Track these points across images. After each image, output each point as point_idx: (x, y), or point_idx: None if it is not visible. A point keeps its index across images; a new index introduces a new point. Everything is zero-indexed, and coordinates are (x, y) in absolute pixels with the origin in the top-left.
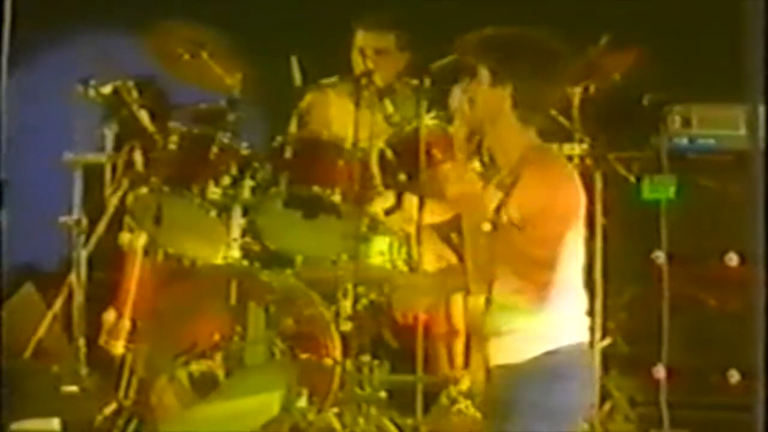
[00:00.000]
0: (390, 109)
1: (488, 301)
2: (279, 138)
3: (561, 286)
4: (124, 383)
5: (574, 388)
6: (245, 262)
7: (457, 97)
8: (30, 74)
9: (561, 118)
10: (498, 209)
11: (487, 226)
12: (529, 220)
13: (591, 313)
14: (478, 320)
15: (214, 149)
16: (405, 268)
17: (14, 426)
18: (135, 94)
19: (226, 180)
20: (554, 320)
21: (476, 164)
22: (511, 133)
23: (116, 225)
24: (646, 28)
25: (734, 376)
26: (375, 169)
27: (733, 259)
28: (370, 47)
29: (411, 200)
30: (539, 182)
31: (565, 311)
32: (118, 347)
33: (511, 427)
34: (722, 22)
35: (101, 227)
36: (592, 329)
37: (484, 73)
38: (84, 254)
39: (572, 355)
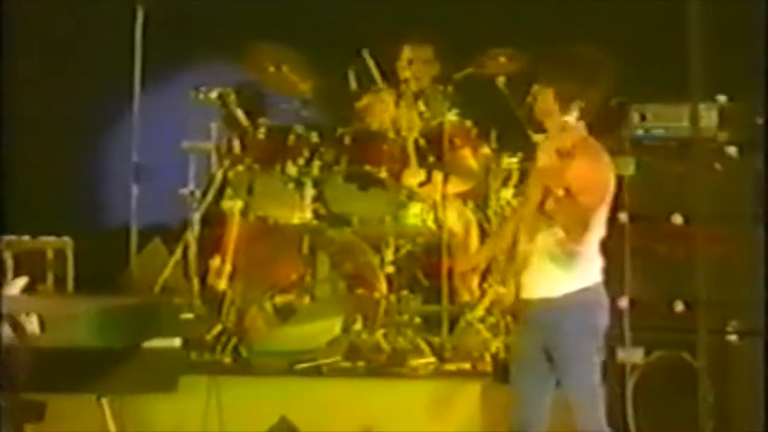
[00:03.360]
0: (423, 108)
1: (535, 248)
2: (340, 129)
3: (591, 243)
4: (225, 311)
5: (599, 314)
6: (315, 222)
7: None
8: (157, 83)
9: None
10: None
11: (561, 192)
12: (583, 189)
13: None
14: (525, 261)
15: (292, 137)
16: (434, 227)
17: (146, 344)
18: (233, 97)
19: (301, 161)
20: (585, 266)
21: (486, 149)
22: (562, 128)
23: (220, 194)
24: (611, 45)
25: (679, 306)
26: (411, 152)
27: (678, 219)
28: (419, 58)
29: (438, 176)
30: (589, 164)
31: (594, 259)
32: (222, 285)
33: (557, 343)
34: (669, 41)
35: (209, 196)
36: None
37: (550, 96)
38: (197, 216)
39: (597, 291)
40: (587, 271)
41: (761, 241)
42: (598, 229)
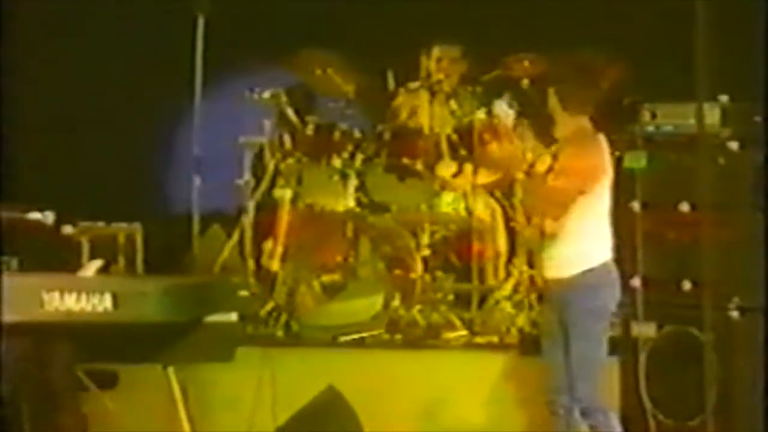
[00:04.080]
0: (454, 106)
1: (541, 232)
2: (380, 126)
3: (582, 223)
4: (277, 289)
5: (607, 293)
6: (357, 209)
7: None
8: (216, 85)
9: None
10: (550, 168)
11: (520, 175)
12: (561, 172)
13: None
14: (535, 246)
15: (337, 133)
16: (464, 214)
17: (206, 319)
18: (284, 98)
19: (345, 154)
20: (587, 248)
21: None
22: (565, 121)
23: (272, 184)
24: (626, 49)
25: (687, 285)
26: (444, 147)
27: (685, 206)
28: (447, 57)
29: (468, 168)
30: (574, 152)
31: (595, 241)
32: (274, 265)
33: (567, 319)
34: (677, 46)
35: (263, 186)
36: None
37: (552, 94)
38: (252, 204)
39: (603, 271)
40: (591, 251)
41: (760, 226)
42: (594, 211)
